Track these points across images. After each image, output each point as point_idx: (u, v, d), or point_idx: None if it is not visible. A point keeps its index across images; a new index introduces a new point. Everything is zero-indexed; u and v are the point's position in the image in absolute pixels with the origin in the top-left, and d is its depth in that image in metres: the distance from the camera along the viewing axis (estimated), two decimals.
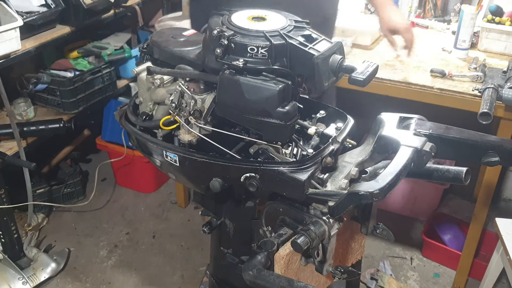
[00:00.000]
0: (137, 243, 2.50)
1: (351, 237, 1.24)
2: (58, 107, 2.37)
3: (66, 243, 2.47)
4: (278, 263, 1.05)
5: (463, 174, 1.09)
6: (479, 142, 1.06)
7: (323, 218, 1.00)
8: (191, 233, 2.54)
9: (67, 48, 2.50)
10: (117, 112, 1.29)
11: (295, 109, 1.01)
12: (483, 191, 1.95)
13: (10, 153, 2.07)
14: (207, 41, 1.06)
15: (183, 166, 1.10)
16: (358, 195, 0.89)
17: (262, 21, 1.06)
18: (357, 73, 0.98)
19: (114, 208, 2.73)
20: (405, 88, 1.86)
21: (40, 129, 2.18)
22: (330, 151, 1.05)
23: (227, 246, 1.35)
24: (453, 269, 2.26)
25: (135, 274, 2.31)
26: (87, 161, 3.04)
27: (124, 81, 2.68)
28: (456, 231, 2.35)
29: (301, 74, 1.03)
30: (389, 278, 2.22)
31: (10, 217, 2.18)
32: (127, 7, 2.51)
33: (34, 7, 2.14)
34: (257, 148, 1.10)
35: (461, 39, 2.00)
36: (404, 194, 2.57)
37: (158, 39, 1.21)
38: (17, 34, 1.91)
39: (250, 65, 0.98)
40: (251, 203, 1.23)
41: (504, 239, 1.69)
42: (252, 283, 1.02)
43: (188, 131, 1.12)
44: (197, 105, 1.09)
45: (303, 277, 1.13)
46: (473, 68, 1.91)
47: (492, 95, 1.68)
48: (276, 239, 1.03)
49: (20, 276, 2.15)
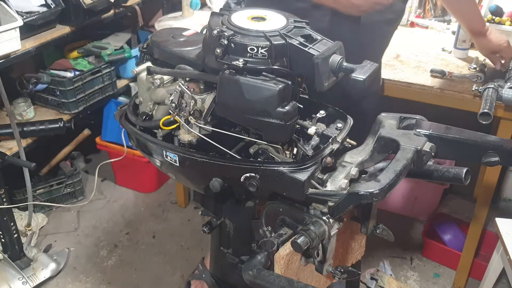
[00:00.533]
0: (137, 243, 2.49)
1: (351, 237, 1.24)
2: (58, 107, 2.37)
3: (66, 243, 2.46)
4: (278, 263, 1.05)
5: (463, 174, 1.09)
6: (479, 142, 1.06)
7: (323, 218, 1.00)
8: (191, 233, 2.54)
9: (67, 48, 2.50)
10: (117, 112, 1.29)
11: (295, 109, 1.01)
12: (483, 191, 1.95)
13: (10, 153, 2.07)
14: (207, 41, 1.06)
15: (183, 166, 1.10)
16: (358, 195, 0.89)
17: (262, 21, 1.06)
18: (357, 73, 0.98)
19: (114, 208, 2.73)
20: (405, 88, 1.86)
21: (40, 129, 2.18)
22: (330, 151, 1.05)
23: (227, 246, 1.35)
24: (453, 269, 2.26)
25: (135, 274, 2.31)
26: (87, 161, 3.04)
27: (124, 81, 2.68)
28: (456, 231, 2.35)
29: (301, 74, 1.03)
30: (389, 278, 2.22)
31: (10, 217, 2.18)
32: (127, 7, 2.51)
33: (34, 7, 2.14)
34: (257, 148, 1.10)
35: (461, 39, 2.01)
36: (404, 194, 2.56)
37: (158, 39, 1.21)
38: (17, 34, 1.91)
39: (250, 65, 0.98)
40: (251, 203, 1.23)
41: (504, 239, 1.69)
42: (252, 283, 1.02)
43: (188, 131, 1.12)
44: (197, 105, 1.09)
45: (303, 277, 1.13)
46: (473, 68, 1.90)
47: (492, 95, 1.67)
48: (276, 239, 1.03)
49: (20, 276, 2.15)
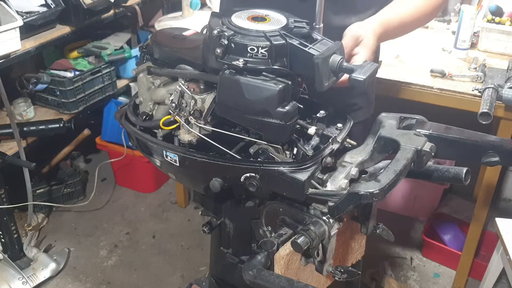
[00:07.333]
0: (137, 243, 2.49)
1: (351, 237, 1.23)
2: (58, 107, 2.38)
3: (66, 243, 2.47)
4: (278, 263, 1.05)
5: (463, 174, 1.09)
6: (479, 142, 1.06)
7: (323, 218, 1.00)
8: (191, 233, 2.54)
9: (67, 48, 2.50)
10: (117, 112, 1.29)
11: (295, 109, 1.01)
12: (483, 191, 1.95)
13: (10, 153, 2.07)
14: (207, 41, 1.06)
15: (183, 166, 1.10)
16: (358, 195, 0.89)
17: (262, 21, 1.06)
18: (357, 73, 0.98)
19: (114, 208, 2.73)
20: (405, 88, 1.86)
21: (40, 129, 2.18)
22: (330, 151, 1.05)
23: (227, 246, 1.35)
24: (453, 269, 2.26)
25: (135, 274, 2.31)
26: (87, 161, 3.04)
27: (124, 81, 2.68)
28: (456, 231, 2.35)
29: (301, 74, 1.02)
30: (389, 278, 2.22)
31: (10, 217, 2.18)
32: (127, 7, 2.51)
33: (34, 7, 2.14)
34: (257, 148, 1.10)
35: (461, 39, 2.01)
36: (404, 194, 2.57)
37: (158, 39, 1.21)
38: (17, 34, 1.91)
39: (250, 65, 0.98)
40: (251, 203, 1.23)
41: (504, 239, 1.69)
42: (252, 283, 1.02)
43: (188, 131, 1.12)
44: (197, 105, 1.09)
45: (303, 277, 1.13)
46: (473, 68, 1.90)
47: (492, 95, 1.68)
48: (276, 239, 1.03)
49: (20, 276, 2.15)
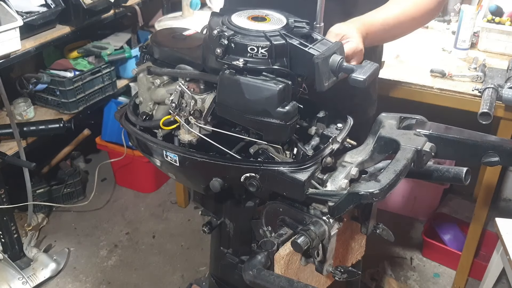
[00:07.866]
0: (137, 243, 2.49)
1: (351, 237, 1.23)
2: (58, 107, 2.38)
3: (66, 243, 2.46)
4: (278, 263, 1.05)
5: (463, 174, 1.09)
6: (479, 142, 1.06)
7: (323, 218, 1.00)
8: (191, 233, 2.54)
9: (67, 48, 2.50)
10: (117, 112, 1.29)
11: (295, 109, 1.00)
12: (483, 191, 1.95)
13: (10, 153, 2.07)
14: (207, 41, 1.06)
15: (183, 166, 1.10)
16: (358, 195, 0.89)
17: (262, 21, 1.06)
18: (357, 73, 0.98)
19: (114, 208, 2.73)
20: (405, 88, 1.86)
21: (40, 129, 2.18)
22: (330, 151, 1.05)
23: (227, 246, 1.35)
24: (453, 269, 2.26)
25: (135, 274, 2.31)
26: (87, 161, 3.04)
27: (124, 81, 2.68)
28: (456, 231, 2.35)
29: (301, 74, 1.02)
30: (389, 278, 2.22)
31: (10, 217, 2.18)
32: (127, 7, 2.51)
33: (34, 7, 2.14)
34: (257, 148, 1.10)
35: (461, 39, 2.01)
36: (404, 194, 2.56)
37: (158, 39, 1.21)
38: (17, 34, 1.91)
39: (250, 65, 0.98)
40: (251, 203, 1.23)
41: (504, 239, 1.69)
42: (252, 283, 1.02)
43: (188, 131, 1.12)
44: (197, 105, 1.09)
45: (303, 277, 1.13)
46: (473, 68, 1.90)
47: (492, 95, 1.68)
48: (276, 239, 1.03)
49: (20, 276, 2.15)
